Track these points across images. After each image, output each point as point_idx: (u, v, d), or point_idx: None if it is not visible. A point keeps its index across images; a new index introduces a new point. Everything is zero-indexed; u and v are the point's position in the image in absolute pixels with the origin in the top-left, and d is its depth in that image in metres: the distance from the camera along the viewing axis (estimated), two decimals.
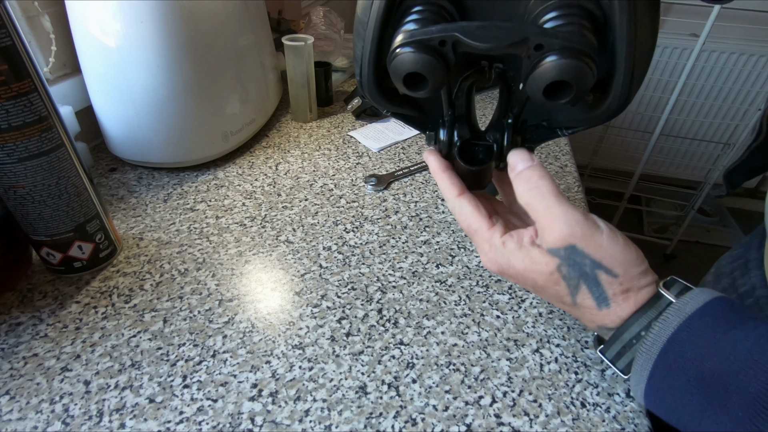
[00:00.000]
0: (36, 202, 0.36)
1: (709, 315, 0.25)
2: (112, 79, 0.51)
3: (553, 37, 0.24)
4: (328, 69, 0.74)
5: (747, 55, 1.58)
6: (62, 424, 0.31)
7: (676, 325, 0.26)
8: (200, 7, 0.51)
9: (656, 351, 0.26)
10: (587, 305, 0.29)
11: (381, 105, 0.32)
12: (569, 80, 0.25)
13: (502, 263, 0.30)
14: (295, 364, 0.35)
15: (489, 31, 0.25)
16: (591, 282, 0.28)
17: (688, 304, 0.26)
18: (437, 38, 0.25)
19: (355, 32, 0.29)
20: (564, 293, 0.29)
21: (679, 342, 0.25)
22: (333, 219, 0.51)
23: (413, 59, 0.26)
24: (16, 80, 0.32)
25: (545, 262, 0.28)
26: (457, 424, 0.31)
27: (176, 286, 0.41)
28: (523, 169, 0.30)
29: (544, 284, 0.29)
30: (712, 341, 0.25)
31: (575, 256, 0.28)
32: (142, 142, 0.55)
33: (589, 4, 0.25)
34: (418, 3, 0.27)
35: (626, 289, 0.28)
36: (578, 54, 0.24)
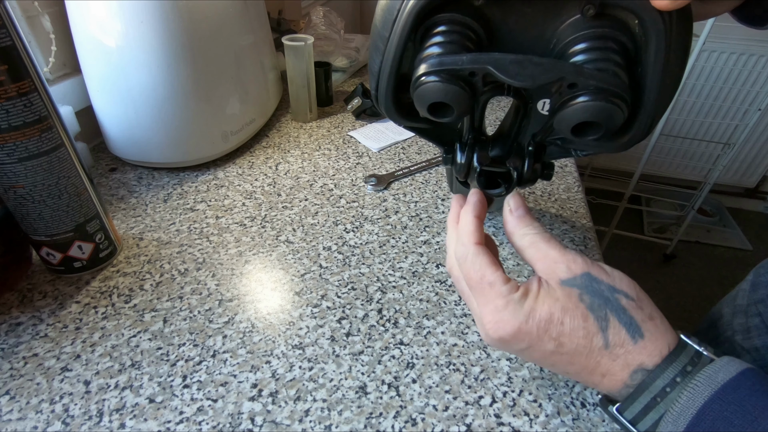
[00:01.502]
0: (36, 202, 0.36)
1: (744, 387, 0.22)
2: (112, 79, 0.51)
3: (588, 78, 0.23)
4: (328, 69, 0.74)
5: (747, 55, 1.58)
6: (62, 424, 0.31)
7: (708, 395, 0.22)
8: (200, 7, 0.51)
9: (684, 422, 0.23)
10: (621, 340, 0.25)
11: (395, 120, 0.31)
12: (600, 121, 0.25)
13: (521, 317, 0.26)
14: (295, 364, 0.35)
15: (524, 67, 0.24)
16: (617, 309, 0.25)
17: (720, 371, 0.23)
18: (468, 69, 0.24)
19: (373, 45, 0.28)
20: (593, 330, 0.25)
21: (711, 416, 0.22)
22: (333, 219, 0.51)
23: (441, 89, 0.25)
24: (16, 80, 0.32)
25: (566, 295, 0.26)
26: (457, 424, 0.31)
27: (176, 286, 0.41)
28: (522, 215, 0.29)
29: (572, 325, 0.25)
30: (750, 419, 0.21)
31: (592, 282, 0.26)
32: (142, 142, 0.55)
33: (622, 37, 0.25)
34: (445, 21, 0.26)
35: (650, 316, 0.25)
36: (612, 96, 0.24)
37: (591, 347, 0.25)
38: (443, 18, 0.26)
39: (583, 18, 0.25)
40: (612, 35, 0.25)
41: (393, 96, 0.29)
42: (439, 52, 0.25)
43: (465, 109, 0.26)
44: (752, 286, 0.48)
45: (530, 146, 0.32)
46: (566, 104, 0.25)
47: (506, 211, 0.30)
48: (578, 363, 0.26)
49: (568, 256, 0.27)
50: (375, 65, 0.29)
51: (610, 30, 0.25)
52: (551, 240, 0.28)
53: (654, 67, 0.25)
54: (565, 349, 0.26)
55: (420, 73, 0.25)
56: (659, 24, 0.23)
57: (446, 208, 0.53)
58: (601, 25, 0.25)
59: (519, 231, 0.29)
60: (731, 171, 1.90)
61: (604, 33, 0.25)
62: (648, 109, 0.26)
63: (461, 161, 0.33)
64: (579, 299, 0.25)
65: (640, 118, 0.27)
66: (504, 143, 0.34)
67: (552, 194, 0.56)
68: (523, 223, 0.29)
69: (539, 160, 0.33)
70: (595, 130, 0.26)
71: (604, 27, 0.25)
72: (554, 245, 0.27)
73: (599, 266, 0.27)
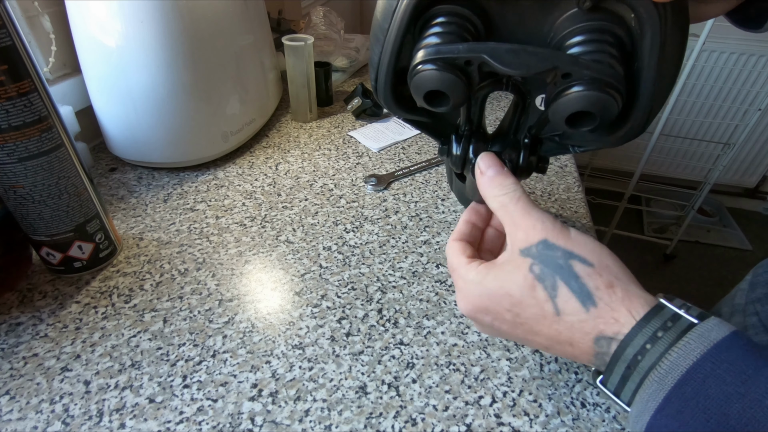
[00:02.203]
0: (36, 202, 0.36)
1: (738, 346, 0.21)
2: (112, 79, 0.51)
3: (582, 67, 0.24)
4: (328, 69, 0.74)
5: (747, 55, 1.58)
6: (62, 424, 0.31)
7: (700, 353, 0.21)
8: (200, 7, 0.51)
9: (672, 381, 0.22)
10: (571, 308, 0.25)
11: (394, 111, 0.32)
12: (594, 111, 0.25)
13: (475, 293, 0.28)
14: (295, 364, 0.35)
15: (519, 56, 0.24)
16: (567, 275, 0.25)
17: (713, 330, 0.22)
18: (464, 58, 0.25)
19: (373, 36, 0.28)
20: (543, 298, 0.25)
21: (702, 375, 0.21)
22: (333, 219, 0.51)
23: (437, 77, 0.25)
24: (16, 80, 0.32)
25: (517, 266, 0.26)
26: (457, 424, 0.31)
27: (176, 286, 0.41)
28: (493, 175, 0.29)
29: (520, 294, 0.26)
30: (743, 378, 0.21)
31: (547, 250, 0.26)
32: (141, 142, 0.55)
33: (618, 30, 0.25)
34: (443, 13, 0.26)
35: (609, 283, 0.24)
36: (606, 86, 0.24)
37: (544, 314, 0.26)
38: (442, 10, 0.26)
39: (580, 11, 0.25)
40: (608, 28, 0.25)
41: (392, 87, 0.29)
42: (437, 42, 0.25)
43: (461, 99, 0.26)
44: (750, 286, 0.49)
45: (526, 139, 0.33)
46: (561, 94, 0.25)
47: (477, 174, 0.30)
48: (542, 333, 0.26)
49: (528, 221, 0.27)
50: (375, 56, 0.29)
51: (607, 23, 0.25)
52: (519, 201, 0.27)
53: (649, 60, 0.25)
54: (523, 319, 0.26)
55: (417, 61, 0.25)
56: (654, 17, 0.23)
57: (446, 208, 0.53)
58: (598, 18, 0.25)
59: (491, 193, 0.29)
60: (731, 171, 1.90)
61: (600, 26, 0.25)
62: (644, 103, 0.27)
63: (457, 152, 0.33)
64: (529, 269, 0.26)
65: (636, 112, 0.27)
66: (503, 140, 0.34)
67: (552, 194, 0.56)
68: (494, 183, 0.29)
69: (534, 153, 0.33)
70: (589, 121, 0.26)
71: (601, 20, 0.25)
72: (521, 207, 0.27)
73: (562, 231, 0.26)
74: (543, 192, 0.56)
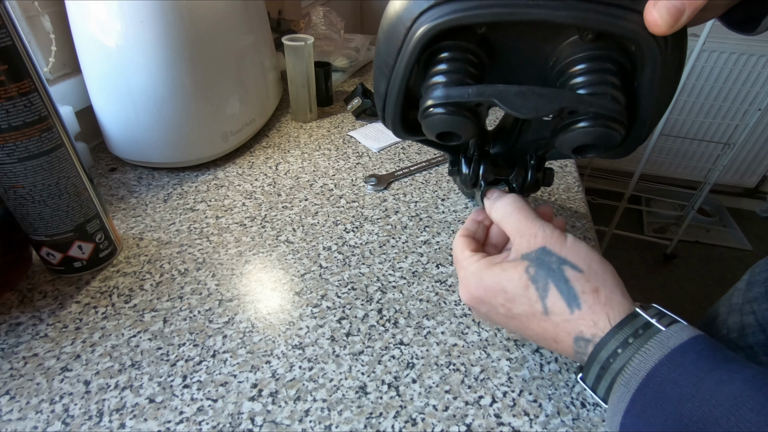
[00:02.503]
0: (36, 202, 0.36)
1: (693, 351, 0.24)
2: (112, 79, 0.51)
3: (587, 105, 0.25)
4: (328, 69, 0.74)
5: (747, 55, 1.58)
6: (62, 424, 0.31)
7: (658, 358, 0.24)
8: (200, 7, 0.51)
9: (635, 384, 0.24)
10: (558, 309, 0.27)
11: (403, 137, 0.33)
12: (598, 144, 0.26)
13: (473, 284, 0.31)
14: (295, 364, 0.35)
15: (527, 99, 0.25)
16: (558, 279, 0.27)
17: (672, 337, 0.25)
18: (474, 102, 0.25)
19: (378, 70, 0.29)
20: (534, 298, 0.28)
21: (660, 377, 0.24)
22: (333, 219, 0.51)
23: (448, 120, 0.26)
24: (16, 80, 0.32)
25: (514, 266, 0.29)
26: (457, 424, 0.31)
27: (176, 286, 0.41)
28: (498, 196, 0.32)
29: (514, 291, 0.29)
30: (694, 380, 0.23)
31: (544, 255, 0.28)
32: (142, 142, 0.55)
33: (619, 57, 0.26)
34: (448, 48, 0.27)
35: (595, 288, 0.27)
36: (609, 121, 0.25)
37: (534, 312, 0.28)
38: (447, 45, 0.27)
39: (582, 40, 0.26)
40: (609, 56, 0.26)
41: (401, 116, 0.30)
42: (444, 81, 0.26)
43: (472, 134, 0.27)
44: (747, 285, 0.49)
45: (532, 160, 0.34)
46: (567, 128, 0.26)
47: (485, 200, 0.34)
48: (532, 328, 0.29)
49: (532, 230, 0.29)
50: (381, 88, 0.30)
51: (608, 51, 0.26)
52: (521, 210, 0.30)
53: (650, 86, 0.26)
54: (515, 313, 0.29)
55: (427, 105, 0.26)
56: (655, 49, 0.24)
57: (446, 208, 0.53)
58: (599, 47, 0.26)
59: (494, 205, 0.32)
60: (731, 171, 1.90)
61: (602, 55, 0.26)
62: (643, 122, 0.28)
63: (466, 173, 0.35)
64: (525, 270, 0.28)
65: (636, 131, 0.28)
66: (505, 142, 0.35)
67: (552, 194, 0.56)
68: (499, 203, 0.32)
69: (540, 170, 0.35)
70: (593, 149, 0.27)
71: (602, 48, 0.26)
72: (524, 216, 0.30)
73: (560, 239, 0.29)
74: (543, 192, 0.56)
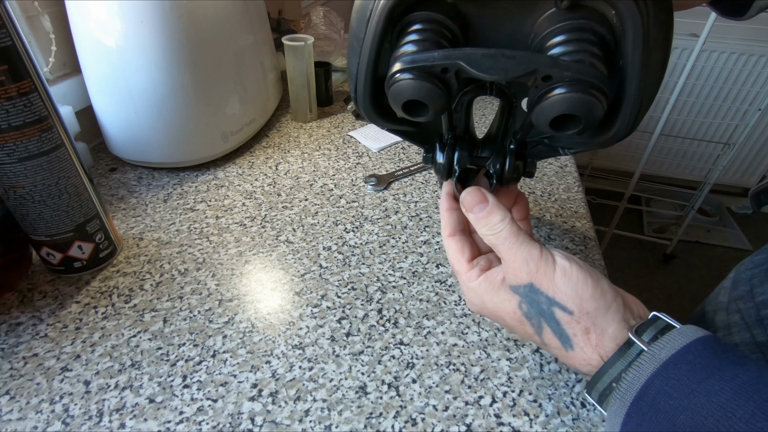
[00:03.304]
0: (36, 202, 0.36)
1: (685, 362, 0.24)
2: (112, 79, 0.51)
3: (562, 69, 0.23)
4: (328, 69, 0.74)
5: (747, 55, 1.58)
6: (62, 424, 0.31)
7: (650, 372, 0.24)
8: (200, 7, 0.51)
9: (629, 399, 0.24)
10: (555, 345, 0.28)
11: (377, 123, 0.31)
12: (578, 114, 0.24)
13: (477, 303, 0.31)
14: (295, 364, 0.35)
15: (496, 61, 0.23)
16: (550, 320, 0.27)
17: (663, 349, 0.24)
18: (440, 65, 0.24)
19: (350, 47, 0.28)
20: (531, 332, 0.29)
21: (653, 391, 0.24)
22: (333, 219, 0.51)
23: (414, 86, 0.24)
24: (16, 80, 0.32)
25: (508, 300, 0.29)
26: (457, 424, 0.31)
27: (176, 286, 0.41)
28: (480, 215, 0.30)
29: (512, 323, 0.30)
30: (687, 392, 0.23)
31: (533, 294, 0.28)
32: (142, 142, 0.55)
33: (600, 28, 0.24)
34: (419, 20, 0.25)
35: (586, 329, 0.27)
36: (588, 87, 0.23)
37: (534, 339, 0.29)
38: (417, 17, 0.25)
39: (559, 11, 0.24)
40: (589, 27, 0.24)
41: (371, 98, 0.29)
42: (413, 50, 0.25)
43: (440, 107, 0.26)
44: (733, 284, 0.49)
45: (512, 144, 0.32)
46: (543, 97, 0.24)
47: (464, 210, 0.31)
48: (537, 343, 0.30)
49: (515, 263, 0.28)
50: (353, 67, 0.28)
51: (587, 21, 0.24)
52: (506, 240, 0.28)
53: (633, 58, 0.24)
54: (516, 333, 0.31)
55: (393, 71, 0.25)
56: (634, 11, 0.23)
57: None
58: (578, 16, 0.24)
59: (481, 230, 0.30)
60: (731, 171, 1.90)
61: (580, 25, 0.24)
62: (631, 102, 0.26)
63: (441, 161, 0.33)
64: (518, 306, 0.29)
65: (624, 112, 0.26)
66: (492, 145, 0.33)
67: (552, 194, 0.56)
68: (481, 223, 0.30)
69: (521, 158, 0.32)
70: (574, 124, 0.25)
71: (581, 18, 0.24)
72: (507, 248, 0.28)
73: (546, 273, 0.27)
74: (543, 192, 0.56)
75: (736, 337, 0.44)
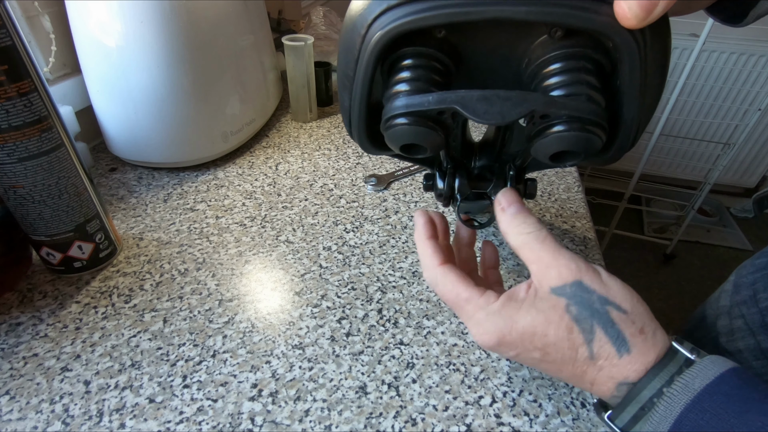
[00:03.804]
0: (36, 202, 0.36)
1: (721, 393, 0.22)
2: (112, 79, 0.51)
3: (560, 108, 0.22)
4: (328, 69, 0.74)
5: (747, 55, 1.58)
6: (62, 424, 0.31)
7: (684, 404, 0.22)
8: (200, 7, 0.51)
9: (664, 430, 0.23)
10: (606, 353, 0.24)
11: (372, 152, 0.31)
12: (577, 150, 0.24)
13: (503, 328, 0.26)
14: (295, 364, 0.35)
15: (492, 104, 0.23)
16: (604, 321, 0.24)
17: (697, 378, 0.23)
18: (435, 110, 0.23)
19: (340, 83, 0.28)
20: (578, 342, 0.25)
21: (688, 425, 0.22)
22: (333, 219, 0.51)
23: (410, 131, 0.24)
24: (16, 80, 0.32)
25: (552, 306, 0.25)
26: (457, 424, 0.31)
27: (176, 286, 0.41)
28: (515, 212, 0.28)
29: (556, 336, 0.25)
30: (727, 427, 0.21)
31: (582, 292, 0.25)
32: (142, 142, 0.55)
33: (595, 54, 0.24)
34: (409, 55, 0.25)
35: (641, 330, 0.25)
36: (586, 124, 0.23)
37: (576, 357, 0.25)
38: (408, 52, 0.25)
39: (551, 39, 0.24)
40: (584, 54, 0.24)
41: (366, 129, 0.29)
42: (406, 89, 0.25)
43: (437, 147, 0.25)
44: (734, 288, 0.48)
45: (511, 171, 0.32)
46: (542, 133, 0.24)
47: (498, 210, 0.29)
48: (566, 370, 0.26)
49: (560, 261, 0.26)
50: (345, 101, 0.28)
51: (582, 49, 0.24)
52: (545, 240, 0.26)
53: (631, 84, 0.24)
54: (551, 358, 0.26)
55: (387, 116, 0.24)
56: (630, 43, 0.22)
57: (446, 208, 0.53)
58: (573, 44, 0.24)
59: (512, 230, 0.28)
60: (731, 171, 1.90)
61: (575, 53, 0.24)
62: (629, 124, 0.26)
63: (442, 188, 0.33)
64: (565, 310, 0.25)
65: (622, 133, 0.26)
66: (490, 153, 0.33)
67: (552, 194, 0.56)
68: (516, 221, 0.28)
69: (521, 182, 0.32)
70: (573, 156, 0.25)
71: (576, 46, 0.24)
72: (548, 247, 0.26)
73: (594, 273, 0.26)
74: (543, 192, 0.56)
75: (740, 343, 0.43)
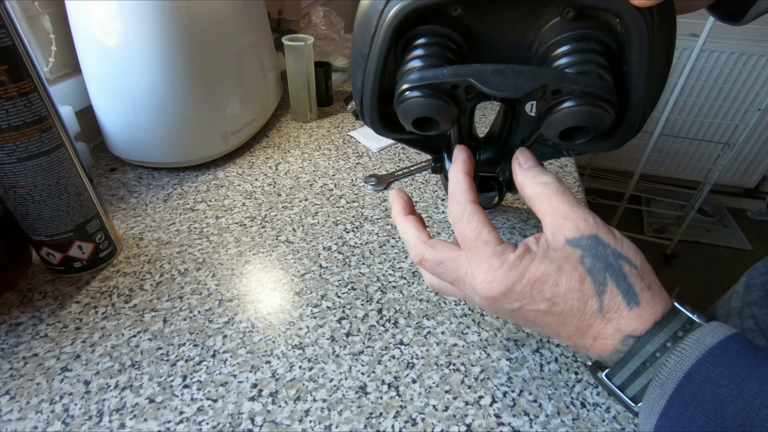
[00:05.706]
0: (36, 202, 0.36)
1: (733, 350, 0.22)
2: (112, 79, 0.51)
3: (572, 83, 0.23)
4: (328, 69, 0.74)
5: (747, 55, 1.58)
6: (62, 424, 0.31)
7: (695, 358, 0.22)
8: (200, 7, 0.51)
9: (671, 386, 0.23)
10: (616, 305, 0.25)
11: (382, 134, 0.31)
12: (587, 125, 0.24)
13: (514, 278, 0.26)
14: (295, 364, 0.35)
15: (505, 77, 0.23)
16: (617, 274, 0.25)
17: (708, 336, 0.23)
18: (450, 83, 0.24)
19: (354, 62, 0.28)
20: (589, 293, 0.25)
21: (699, 379, 0.22)
22: (333, 219, 0.51)
23: (424, 104, 0.24)
24: (16, 80, 0.32)
25: (565, 256, 0.25)
26: (457, 424, 0.31)
27: (176, 286, 0.41)
28: (533, 165, 0.28)
29: (567, 286, 0.25)
30: (737, 380, 0.21)
31: (597, 245, 0.25)
32: (142, 142, 0.55)
33: (605, 36, 0.24)
34: (424, 34, 0.25)
35: (649, 285, 0.25)
36: (597, 100, 0.23)
37: (584, 309, 0.25)
38: (422, 30, 0.25)
39: (564, 20, 0.25)
40: (594, 36, 0.24)
41: (378, 111, 0.29)
42: (420, 65, 0.25)
43: (450, 122, 0.26)
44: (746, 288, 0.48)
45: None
46: (552, 110, 0.24)
47: (515, 165, 0.29)
48: (570, 324, 0.26)
49: (578, 213, 0.26)
50: (357, 81, 0.28)
51: (592, 31, 0.24)
52: (564, 194, 0.27)
53: (639, 66, 0.25)
54: (558, 309, 0.25)
55: (402, 89, 0.25)
56: (640, 22, 0.23)
57: (446, 208, 0.53)
58: (583, 26, 0.24)
59: (530, 180, 0.28)
60: (731, 171, 1.90)
61: (586, 34, 0.24)
62: (636, 107, 0.26)
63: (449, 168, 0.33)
64: (579, 261, 0.25)
65: (629, 117, 0.27)
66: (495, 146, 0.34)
67: None
68: (533, 172, 0.28)
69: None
70: (583, 134, 0.25)
71: (586, 28, 0.24)
72: (566, 200, 0.26)
73: (609, 230, 0.26)
74: None
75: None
